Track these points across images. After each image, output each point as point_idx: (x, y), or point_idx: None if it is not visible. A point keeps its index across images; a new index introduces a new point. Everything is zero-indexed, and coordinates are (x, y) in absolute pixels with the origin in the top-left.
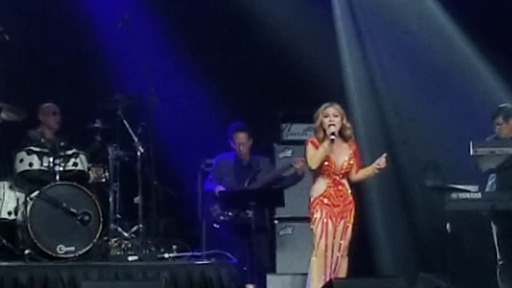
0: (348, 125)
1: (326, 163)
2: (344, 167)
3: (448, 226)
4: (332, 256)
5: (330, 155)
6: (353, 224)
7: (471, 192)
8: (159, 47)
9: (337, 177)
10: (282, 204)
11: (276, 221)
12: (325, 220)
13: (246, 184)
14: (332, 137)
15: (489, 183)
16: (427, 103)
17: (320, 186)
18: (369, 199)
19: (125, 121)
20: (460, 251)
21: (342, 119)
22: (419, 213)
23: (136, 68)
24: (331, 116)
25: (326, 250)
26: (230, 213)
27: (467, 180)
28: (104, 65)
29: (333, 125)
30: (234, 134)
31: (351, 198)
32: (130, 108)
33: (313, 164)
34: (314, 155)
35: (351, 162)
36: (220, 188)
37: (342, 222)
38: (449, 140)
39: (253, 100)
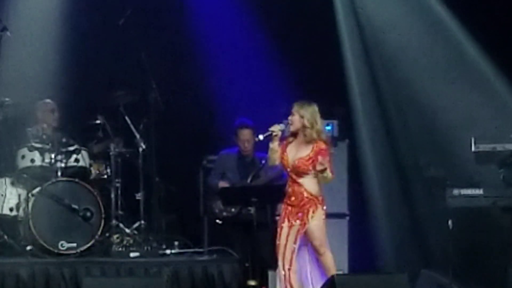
0: (310, 126)
1: (282, 160)
2: (295, 165)
3: (450, 222)
4: (284, 256)
5: (286, 153)
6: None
7: (473, 188)
8: (159, 43)
9: (293, 176)
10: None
11: (278, 218)
12: (282, 219)
13: (249, 181)
14: (268, 133)
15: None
16: (430, 99)
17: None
18: (371, 196)
19: (127, 118)
20: (462, 247)
21: (302, 118)
22: (421, 210)
23: (138, 65)
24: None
25: (279, 248)
26: (232, 209)
27: (470, 182)
28: (106, 62)
29: (288, 123)
30: (239, 131)
31: (308, 199)
32: (132, 104)
33: (268, 161)
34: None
35: (308, 162)
36: (223, 184)
37: (297, 222)
38: (451, 139)
39: (255, 96)
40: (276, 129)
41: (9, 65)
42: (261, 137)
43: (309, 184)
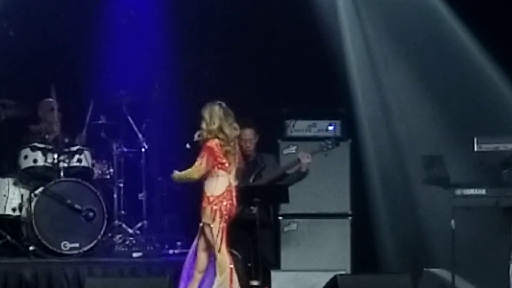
0: (205, 127)
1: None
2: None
3: (452, 222)
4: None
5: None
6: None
7: (475, 188)
8: (161, 43)
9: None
10: (286, 200)
11: (280, 218)
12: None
13: (251, 180)
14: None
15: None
16: (433, 99)
17: None
18: (374, 196)
19: (129, 118)
20: (465, 247)
21: (202, 120)
22: (424, 209)
23: (140, 65)
24: None
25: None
26: None
27: (473, 182)
28: (108, 62)
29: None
30: (241, 131)
31: (204, 199)
32: (134, 104)
33: None
34: None
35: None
36: None
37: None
38: (454, 138)
39: (257, 96)
40: (196, 135)
41: (10, 64)
42: (188, 145)
43: (206, 185)
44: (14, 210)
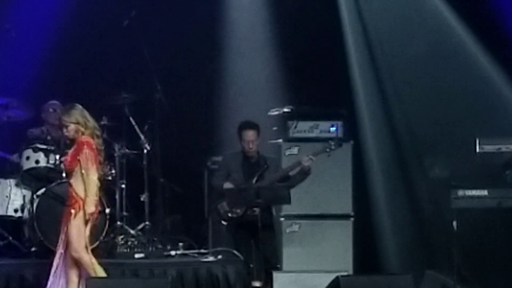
0: (69, 126)
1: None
2: (64, 167)
3: (454, 223)
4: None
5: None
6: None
7: (477, 189)
8: (163, 45)
9: (68, 177)
10: (288, 201)
11: (282, 219)
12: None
13: (254, 182)
14: None
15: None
16: (435, 100)
17: None
18: (376, 197)
19: (131, 119)
20: (467, 248)
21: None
22: (426, 210)
23: (143, 66)
24: None
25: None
26: (238, 210)
27: (475, 183)
28: (110, 63)
29: None
30: (243, 132)
31: (73, 201)
32: (136, 105)
33: None
34: None
35: (70, 160)
36: (227, 185)
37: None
38: (456, 139)
39: (259, 97)
40: None
41: (12, 66)
42: None
43: (79, 186)
44: (16, 211)
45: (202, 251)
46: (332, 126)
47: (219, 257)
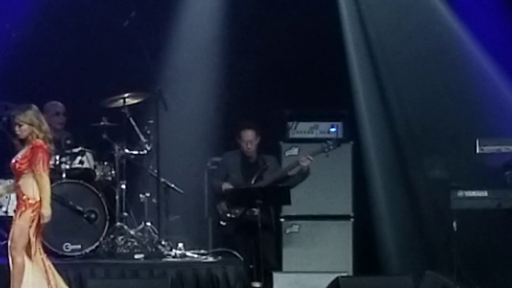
0: (23, 126)
1: None
2: (13, 168)
3: (454, 224)
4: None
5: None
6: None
7: (477, 190)
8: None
9: (16, 178)
10: (288, 202)
11: (282, 219)
12: None
13: (253, 182)
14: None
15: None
16: (435, 101)
17: None
18: (375, 197)
19: (131, 119)
20: (467, 249)
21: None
22: (426, 211)
23: (143, 66)
24: None
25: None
26: (237, 211)
27: (474, 184)
28: (110, 63)
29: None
30: (242, 132)
31: (20, 203)
32: (136, 106)
33: None
34: None
35: (21, 162)
36: (226, 185)
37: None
38: (456, 140)
39: (259, 98)
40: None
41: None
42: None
43: (29, 187)
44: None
45: (202, 251)
46: (332, 127)
47: (219, 257)
